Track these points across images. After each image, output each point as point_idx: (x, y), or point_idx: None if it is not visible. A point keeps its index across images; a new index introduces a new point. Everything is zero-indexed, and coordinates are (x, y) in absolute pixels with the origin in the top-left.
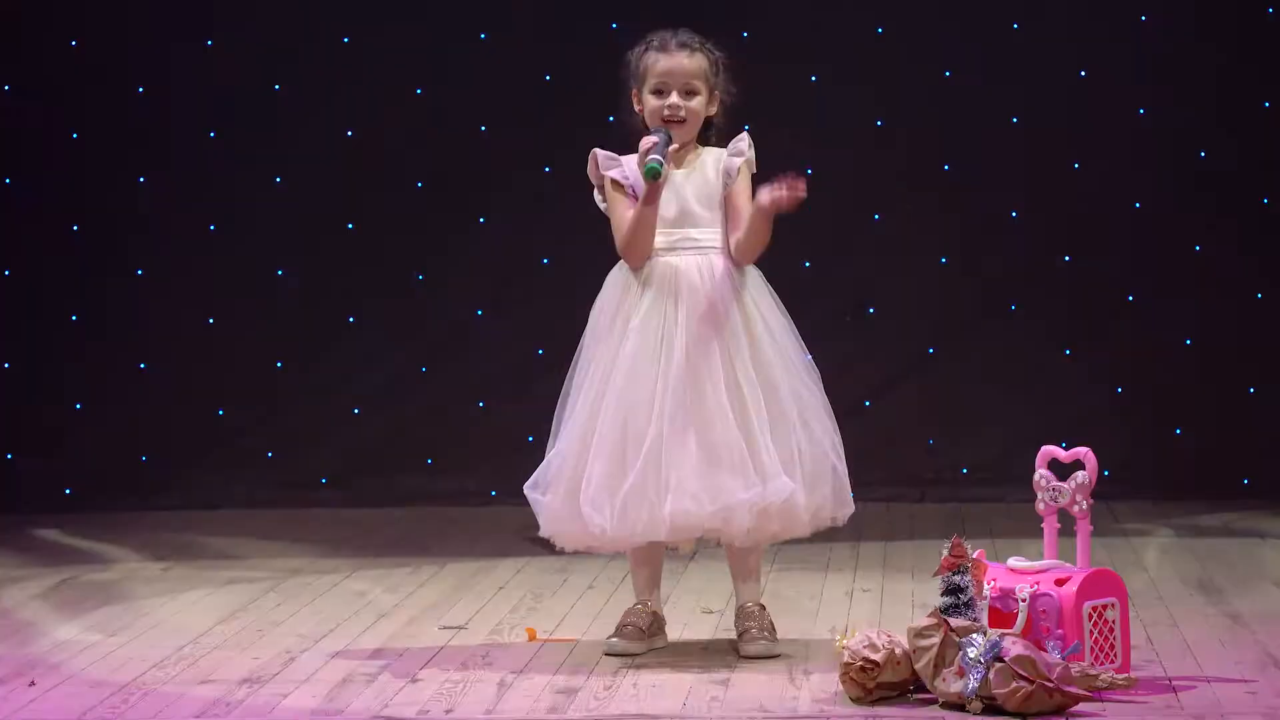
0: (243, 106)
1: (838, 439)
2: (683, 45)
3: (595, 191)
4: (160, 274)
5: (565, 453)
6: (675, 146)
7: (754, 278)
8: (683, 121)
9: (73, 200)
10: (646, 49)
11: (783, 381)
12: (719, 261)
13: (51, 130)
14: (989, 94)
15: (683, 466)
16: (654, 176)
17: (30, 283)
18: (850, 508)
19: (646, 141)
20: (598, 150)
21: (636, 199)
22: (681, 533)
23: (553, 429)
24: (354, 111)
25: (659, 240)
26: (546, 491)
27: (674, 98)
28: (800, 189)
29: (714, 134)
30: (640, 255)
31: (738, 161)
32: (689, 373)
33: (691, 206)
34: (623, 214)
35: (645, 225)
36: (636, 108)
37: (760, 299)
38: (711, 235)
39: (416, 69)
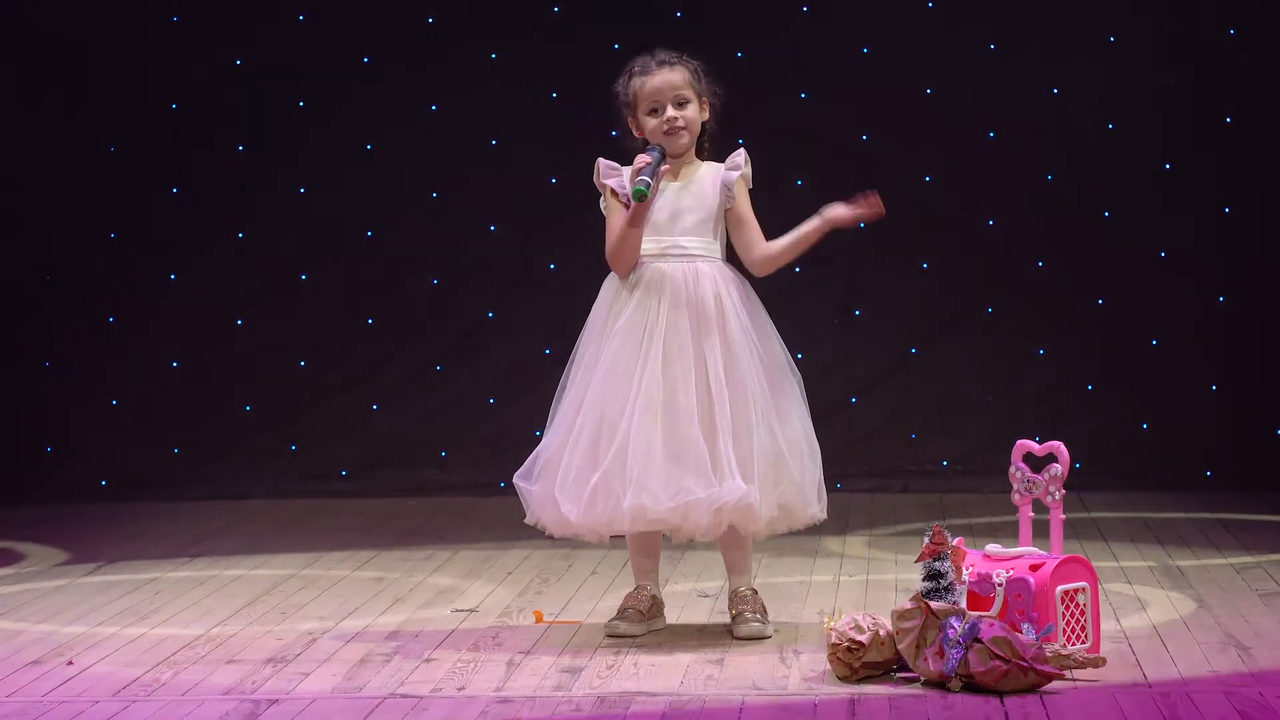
0: (269, 121)
1: (811, 440)
2: (662, 63)
3: (601, 199)
4: (192, 278)
5: (551, 445)
6: (667, 166)
7: (735, 282)
8: (683, 130)
9: (110, 209)
10: (630, 77)
11: (753, 384)
12: (704, 269)
13: (90, 144)
14: (968, 109)
15: (647, 463)
16: (640, 198)
17: (70, 287)
18: (815, 507)
19: (640, 160)
20: (601, 160)
21: (629, 209)
22: (643, 525)
23: (547, 422)
24: (373, 126)
25: (649, 246)
26: (534, 481)
27: (670, 111)
28: (880, 206)
29: (707, 144)
30: (624, 267)
31: (734, 175)
32: (664, 373)
33: (684, 216)
34: (615, 223)
35: (629, 243)
36: (635, 134)
37: (741, 303)
38: (700, 245)
39: (431, 87)
